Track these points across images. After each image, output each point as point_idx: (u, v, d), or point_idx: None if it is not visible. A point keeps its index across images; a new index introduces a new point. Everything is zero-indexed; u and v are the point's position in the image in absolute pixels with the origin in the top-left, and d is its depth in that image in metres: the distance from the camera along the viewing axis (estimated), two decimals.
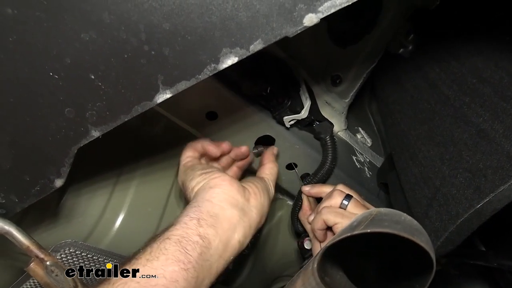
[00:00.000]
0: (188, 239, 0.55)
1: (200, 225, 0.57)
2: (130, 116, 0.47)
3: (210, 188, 0.64)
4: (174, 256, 0.52)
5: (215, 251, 0.57)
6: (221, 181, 0.65)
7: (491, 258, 0.85)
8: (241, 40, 0.43)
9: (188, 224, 0.57)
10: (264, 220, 0.69)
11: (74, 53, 0.43)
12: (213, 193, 0.63)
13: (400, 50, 0.92)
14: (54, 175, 0.51)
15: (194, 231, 0.56)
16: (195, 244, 0.54)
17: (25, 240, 0.54)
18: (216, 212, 0.60)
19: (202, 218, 0.58)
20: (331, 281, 0.44)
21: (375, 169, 1.07)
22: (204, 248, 0.55)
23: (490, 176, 0.56)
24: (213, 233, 0.58)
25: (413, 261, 0.42)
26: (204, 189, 0.64)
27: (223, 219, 0.60)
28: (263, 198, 0.68)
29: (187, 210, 0.60)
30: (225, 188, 0.64)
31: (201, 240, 0.55)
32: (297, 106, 0.83)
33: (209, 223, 0.58)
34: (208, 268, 0.56)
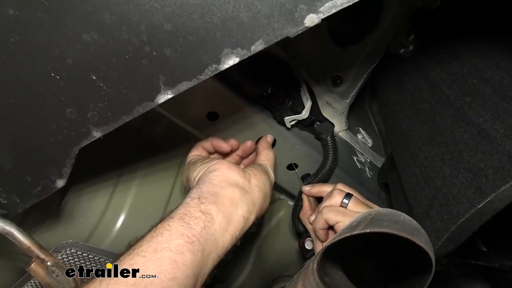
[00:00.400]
0: (191, 215, 0.56)
1: (201, 202, 0.59)
2: (132, 116, 0.47)
3: (210, 172, 0.66)
4: (178, 231, 0.53)
5: (219, 226, 0.58)
6: (219, 165, 0.66)
7: (492, 258, 0.85)
8: (242, 41, 0.43)
9: (190, 203, 0.58)
10: (269, 200, 0.70)
11: (76, 54, 0.43)
12: (212, 176, 0.65)
13: (400, 50, 0.92)
14: (55, 176, 0.51)
15: (196, 208, 0.57)
16: (197, 219, 0.56)
17: (26, 241, 0.54)
18: (216, 191, 0.62)
19: (203, 196, 0.60)
20: (330, 281, 0.45)
21: (376, 169, 1.07)
22: (207, 223, 0.56)
23: (491, 176, 0.56)
24: (215, 208, 0.59)
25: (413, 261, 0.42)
26: (204, 174, 0.66)
27: (223, 196, 0.61)
28: (264, 178, 0.70)
29: (189, 193, 0.62)
30: (224, 171, 0.65)
31: (203, 215, 0.57)
32: (298, 107, 0.83)
33: (210, 200, 0.59)
34: (214, 242, 0.57)
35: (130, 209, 0.83)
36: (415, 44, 0.91)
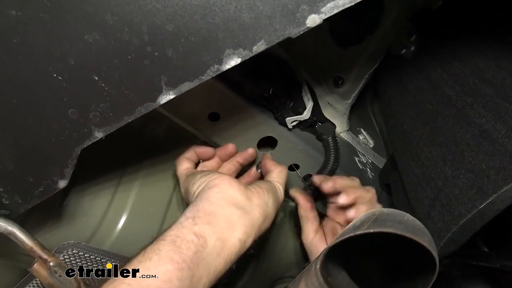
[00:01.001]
0: (183, 238, 0.53)
1: (195, 223, 0.56)
2: (134, 117, 0.47)
3: (209, 188, 0.63)
4: (167, 256, 0.51)
5: (212, 250, 0.55)
6: (220, 181, 0.64)
7: (494, 259, 0.85)
8: (244, 41, 0.43)
9: (183, 224, 0.56)
10: (270, 221, 0.67)
11: (78, 54, 0.44)
12: (211, 193, 0.62)
13: (402, 51, 0.92)
14: (57, 176, 0.51)
15: (189, 230, 0.55)
16: (189, 243, 0.53)
17: (29, 241, 0.55)
18: (213, 210, 0.59)
19: (198, 216, 0.57)
20: (334, 281, 0.45)
21: (377, 170, 1.07)
22: (199, 247, 0.54)
23: (493, 177, 0.56)
24: (210, 231, 0.56)
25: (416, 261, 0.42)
26: (203, 190, 0.64)
27: (220, 217, 0.59)
28: (268, 197, 0.67)
29: (185, 211, 0.60)
30: (224, 187, 0.63)
31: (196, 238, 0.54)
32: (299, 107, 0.83)
33: (204, 221, 0.57)
34: (206, 267, 0.54)
35: (131, 210, 0.83)
36: (416, 44, 0.91)
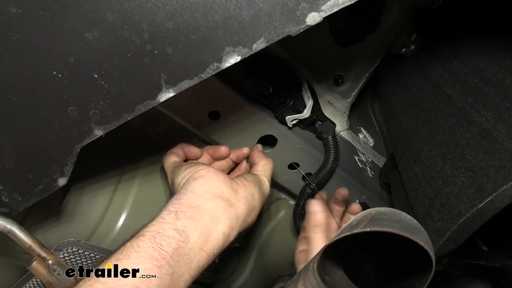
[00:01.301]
0: (163, 234, 0.52)
1: (177, 218, 0.55)
2: (133, 115, 0.47)
3: (194, 179, 0.62)
4: (146, 253, 0.49)
5: (195, 244, 0.54)
6: (205, 172, 0.63)
7: (494, 258, 0.85)
8: (244, 39, 0.43)
9: (165, 219, 0.55)
10: (256, 214, 0.67)
11: (78, 52, 0.44)
12: (196, 184, 0.61)
13: (402, 50, 0.93)
14: (57, 174, 0.51)
15: (170, 225, 0.54)
16: (170, 239, 0.52)
17: (27, 239, 0.55)
18: (198, 203, 0.58)
19: (181, 210, 0.56)
20: (331, 280, 0.45)
21: (377, 169, 1.07)
22: (181, 243, 0.53)
23: (492, 176, 0.56)
24: (192, 225, 0.55)
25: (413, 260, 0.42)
26: (188, 181, 0.63)
27: (204, 210, 0.58)
28: (254, 190, 0.66)
29: (168, 204, 0.58)
30: (209, 179, 0.62)
31: (177, 234, 0.53)
32: (299, 106, 0.83)
33: (188, 215, 0.56)
34: (188, 263, 0.53)
35: (131, 208, 0.83)
36: (416, 43, 0.91)
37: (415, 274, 0.42)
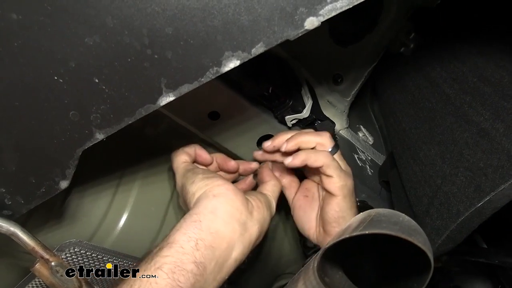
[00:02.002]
0: (182, 268, 0.51)
1: (197, 248, 0.54)
2: (134, 118, 0.47)
3: (214, 196, 0.60)
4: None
5: (210, 275, 0.54)
6: (225, 190, 0.61)
7: (493, 256, 0.85)
8: (243, 44, 0.43)
9: (185, 248, 0.53)
10: (263, 235, 0.65)
11: (78, 57, 0.44)
12: (217, 203, 0.59)
13: (401, 49, 0.93)
14: (59, 177, 0.52)
15: (190, 257, 0.53)
16: (189, 273, 0.52)
17: (30, 241, 0.55)
18: (218, 228, 0.57)
19: (201, 237, 0.55)
20: (331, 281, 0.45)
21: (377, 167, 1.08)
22: (198, 276, 0.52)
23: (491, 175, 0.57)
24: (210, 256, 0.55)
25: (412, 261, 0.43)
26: (207, 197, 0.61)
27: (223, 237, 0.57)
28: (266, 213, 0.65)
29: (187, 224, 0.57)
30: (230, 198, 0.60)
31: (196, 267, 0.52)
32: (299, 106, 0.83)
33: (207, 243, 0.55)
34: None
35: (132, 209, 0.83)
36: (415, 43, 0.91)
37: (414, 274, 0.43)
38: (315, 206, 0.76)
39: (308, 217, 0.77)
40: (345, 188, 0.69)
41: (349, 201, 0.70)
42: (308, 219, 0.77)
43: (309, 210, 0.77)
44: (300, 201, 0.78)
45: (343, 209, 0.69)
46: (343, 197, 0.69)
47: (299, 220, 0.78)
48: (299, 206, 0.78)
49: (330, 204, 0.70)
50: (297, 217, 0.79)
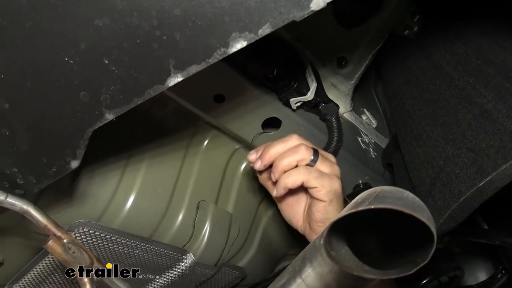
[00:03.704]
0: None
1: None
2: (143, 99, 0.48)
3: None
4: None
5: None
6: None
7: (494, 236, 0.87)
8: (250, 25, 0.44)
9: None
10: None
11: (88, 39, 0.45)
12: None
13: (405, 32, 0.93)
14: (70, 157, 0.53)
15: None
16: None
17: (43, 219, 0.56)
18: None
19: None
20: (336, 255, 0.46)
21: (380, 150, 1.09)
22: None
23: (493, 156, 0.58)
24: None
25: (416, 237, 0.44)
26: None
27: None
28: None
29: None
30: None
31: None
32: (303, 88, 0.84)
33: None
34: None
35: (139, 190, 0.85)
36: (419, 25, 0.91)
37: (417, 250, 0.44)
38: (301, 202, 0.79)
39: (295, 212, 0.80)
40: (331, 193, 0.71)
41: (335, 204, 0.72)
42: (295, 213, 0.80)
43: (295, 205, 0.80)
44: (287, 198, 0.80)
45: (329, 212, 0.72)
46: (329, 201, 0.71)
47: (286, 214, 0.81)
48: (286, 203, 0.81)
49: (316, 207, 0.72)
50: (284, 211, 0.82)
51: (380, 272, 0.47)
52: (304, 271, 0.56)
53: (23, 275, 0.75)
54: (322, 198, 0.70)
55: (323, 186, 0.70)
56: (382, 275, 0.46)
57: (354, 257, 0.48)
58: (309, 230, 0.76)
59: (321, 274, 0.54)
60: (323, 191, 0.70)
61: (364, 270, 0.47)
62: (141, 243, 0.82)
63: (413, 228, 0.42)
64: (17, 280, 0.76)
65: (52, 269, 0.75)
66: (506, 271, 1.17)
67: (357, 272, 0.46)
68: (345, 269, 0.47)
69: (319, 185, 0.69)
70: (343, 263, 0.47)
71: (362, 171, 1.03)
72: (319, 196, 0.70)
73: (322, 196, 0.70)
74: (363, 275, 0.46)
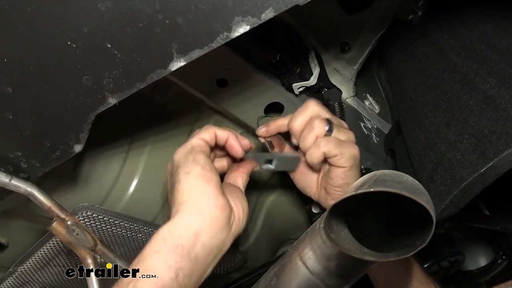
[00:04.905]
0: None
1: (177, 280, 0.53)
2: (146, 83, 0.48)
3: (200, 214, 0.58)
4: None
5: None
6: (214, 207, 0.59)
7: (495, 222, 0.87)
8: (252, 9, 0.44)
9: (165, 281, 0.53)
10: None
11: (91, 23, 0.45)
12: (202, 225, 0.57)
13: (409, 17, 0.92)
14: (73, 141, 0.53)
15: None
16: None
17: (47, 201, 0.57)
18: (196, 253, 0.56)
19: (181, 266, 0.54)
20: (336, 237, 0.47)
21: (383, 136, 1.09)
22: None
23: (495, 141, 0.58)
24: (187, 284, 0.55)
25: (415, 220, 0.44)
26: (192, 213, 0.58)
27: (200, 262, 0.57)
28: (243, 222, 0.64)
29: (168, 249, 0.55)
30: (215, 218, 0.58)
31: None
32: (306, 73, 0.83)
33: (186, 272, 0.55)
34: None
35: (142, 174, 0.85)
36: (423, 10, 0.90)
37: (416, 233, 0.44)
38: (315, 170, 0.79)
39: (309, 180, 0.80)
40: (351, 159, 0.71)
41: (355, 170, 0.73)
42: (309, 182, 0.80)
43: (309, 174, 0.80)
44: (300, 167, 0.81)
45: (348, 177, 0.72)
46: (350, 167, 0.71)
47: (300, 183, 0.82)
48: (299, 171, 0.81)
49: (335, 173, 0.72)
50: (298, 180, 0.82)
51: (379, 254, 0.47)
52: (305, 253, 0.57)
53: (28, 258, 0.76)
54: (343, 164, 0.71)
55: (342, 153, 0.70)
56: (381, 257, 0.47)
57: (354, 240, 0.49)
58: (324, 196, 0.77)
59: (321, 257, 0.55)
60: (343, 159, 0.70)
61: (364, 253, 0.48)
62: (144, 227, 0.83)
63: (413, 211, 0.42)
64: (22, 262, 0.77)
65: (57, 251, 0.76)
66: (506, 256, 1.18)
67: (356, 254, 0.47)
68: (345, 251, 0.47)
69: (339, 153, 0.70)
70: (343, 245, 0.47)
71: (364, 157, 1.03)
72: (339, 163, 0.71)
73: (342, 163, 0.71)
74: (362, 258, 0.47)
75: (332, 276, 0.56)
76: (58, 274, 0.84)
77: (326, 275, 0.56)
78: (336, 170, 0.72)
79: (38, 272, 0.80)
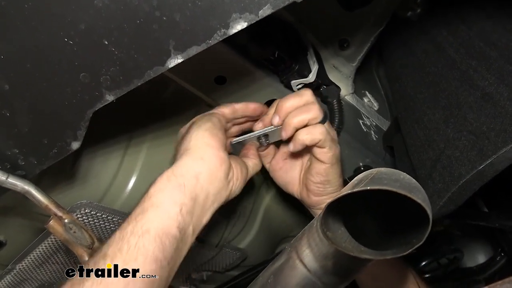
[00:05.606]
0: (168, 233, 0.55)
1: (181, 214, 0.57)
2: (143, 80, 0.48)
3: (201, 159, 0.62)
4: (153, 255, 0.53)
5: (187, 238, 0.59)
6: (214, 156, 0.63)
7: (494, 219, 0.87)
8: (250, 6, 0.43)
9: (170, 213, 0.56)
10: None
11: (88, 20, 0.45)
12: (202, 169, 0.61)
13: (408, 13, 0.92)
14: (70, 138, 0.53)
15: (174, 223, 0.56)
16: (173, 238, 0.55)
17: (44, 199, 0.57)
18: (197, 193, 0.60)
19: (184, 203, 0.58)
20: (333, 235, 0.47)
21: (382, 133, 1.09)
22: (179, 242, 0.57)
23: (493, 139, 0.57)
24: (189, 221, 0.58)
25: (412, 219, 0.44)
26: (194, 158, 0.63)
27: (199, 203, 0.60)
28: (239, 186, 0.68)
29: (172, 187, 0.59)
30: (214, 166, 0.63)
31: (179, 233, 0.56)
32: (305, 70, 0.83)
33: (188, 208, 0.58)
34: (181, 255, 0.59)
35: (141, 171, 0.85)
36: (422, 6, 0.90)
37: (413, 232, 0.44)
38: (296, 166, 0.80)
39: (290, 177, 0.81)
40: (334, 157, 0.72)
41: (336, 168, 0.74)
42: (290, 179, 0.81)
43: (290, 170, 0.80)
44: (280, 164, 0.81)
45: (329, 174, 0.73)
46: (331, 165, 0.72)
47: (281, 180, 0.82)
48: (279, 168, 0.81)
49: (317, 169, 0.73)
50: (278, 177, 0.82)
51: (376, 252, 0.47)
52: (302, 251, 0.57)
53: (26, 255, 0.76)
54: (326, 160, 0.71)
55: (331, 148, 0.71)
56: (378, 255, 0.47)
57: (350, 238, 0.48)
58: (306, 193, 0.77)
59: (319, 255, 0.55)
60: (330, 154, 0.71)
61: (361, 251, 0.48)
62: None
63: (410, 209, 0.42)
64: (20, 260, 0.77)
65: (55, 249, 0.76)
66: (505, 253, 1.19)
67: (353, 252, 0.47)
68: (342, 249, 0.47)
69: (328, 146, 0.70)
70: (340, 244, 0.47)
71: (363, 154, 1.03)
72: (324, 158, 0.71)
73: (327, 159, 0.71)
74: (359, 256, 0.47)
75: (330, 274, 0.56)
76: (56, 271, 0.84)
77: (323, 273, 0.56)
78: (318, 166, 0.73)
79: (36, 269, 0.80)
